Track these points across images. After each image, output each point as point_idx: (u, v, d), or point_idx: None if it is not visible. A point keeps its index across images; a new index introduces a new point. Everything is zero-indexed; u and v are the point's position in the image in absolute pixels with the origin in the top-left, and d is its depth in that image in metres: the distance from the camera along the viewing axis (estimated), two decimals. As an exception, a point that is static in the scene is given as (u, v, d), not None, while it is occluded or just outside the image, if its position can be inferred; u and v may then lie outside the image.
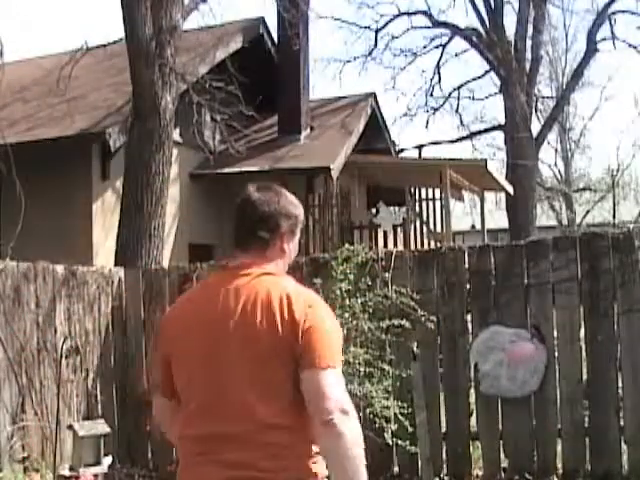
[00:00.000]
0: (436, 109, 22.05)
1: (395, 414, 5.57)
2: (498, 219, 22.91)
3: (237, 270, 2.25)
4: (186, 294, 2.50)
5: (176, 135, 10.09)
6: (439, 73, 21.57)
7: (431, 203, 15.08)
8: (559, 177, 30.91)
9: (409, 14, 20.71)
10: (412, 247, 13.20)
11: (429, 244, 14.25)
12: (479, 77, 22.10)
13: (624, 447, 5.38)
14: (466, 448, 5.76)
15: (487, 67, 20.67)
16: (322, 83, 54.91)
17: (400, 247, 13.50)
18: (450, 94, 21.95)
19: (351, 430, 2.03)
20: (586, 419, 5.46)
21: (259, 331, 2.10)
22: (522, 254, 5.68)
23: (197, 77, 10.48)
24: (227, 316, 2.14)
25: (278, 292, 2.15)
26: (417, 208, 15.03)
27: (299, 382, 2.08)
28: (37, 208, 8.67)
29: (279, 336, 2.09)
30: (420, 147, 21.48)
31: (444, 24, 20.67)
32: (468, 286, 5.82)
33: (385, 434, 5.52)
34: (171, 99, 8.58)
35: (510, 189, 16.39)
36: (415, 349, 5.78)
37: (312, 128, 13.53)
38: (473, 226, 26.25)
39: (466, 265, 5.83)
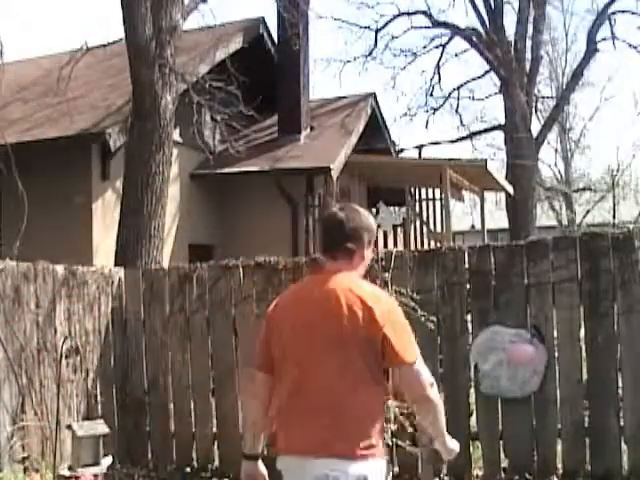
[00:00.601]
0: (436, 109, 22.06)
1: (395, 414, 5.56)
2: (498, 219, 22.91)
3: (328, 274, 2.80)
4: (288, 290, 3.04)
5: (176, 135, 10.09)
6: (439, 73, 21.60)
7: (431, 203, 15.09)
8: (559, 177, 30.92)
9: (409, 14, 20.72)
10: (412, 247, 13.21)
11: (429, 244, 14.26)
12: (479, 77, 22.13)
13: (624, 447, 5.38)
14: (466, 448, 5.75)
15: (487, 67, 20.68)
16: (322, 83, 54.88)
17: (400, 247, 13.51)
18: (450, 94, 21.98)
19: (437, 397, 2.76)
20: (586, 419, 5.46)
21: (342, 325, 2.66)
22: (522, 254, 5.68)
23: (197, 77, 10.48)
24: (318, 311, 2.72)
25: (360, 293, 2.71)
26: (417, 208, 15.04)
27: (380, 368, 2.69)
28: (37, 208, 8.67)
29: (360, 331, 2.65)
30: (420, 147, 21.49)
31: (444, 24, 20.67)
32: (468, 286, 5.81)
33: (385, 434, 5.52)
34: (171, 99, 8.58)
35: (510, 189, 16.40)
36: (415, 349, 5.78)
37: (312, 128, 13.54)
38: (473, 226, 26.26)
39: (466, 265, 5.83)
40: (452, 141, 22.92)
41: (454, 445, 2.92)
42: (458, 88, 22.04)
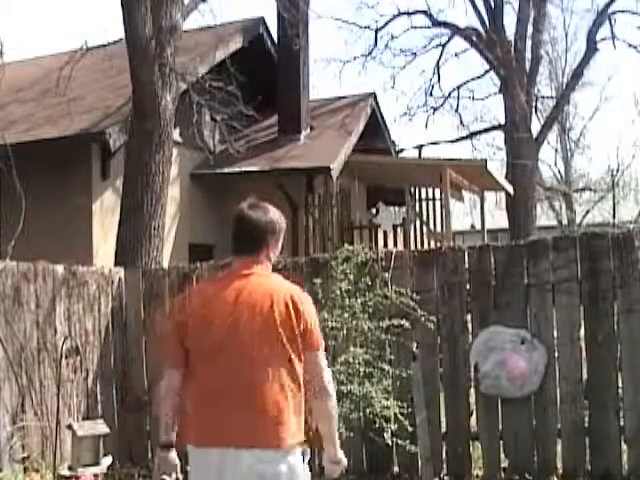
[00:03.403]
0: (436, 109, 21.99)
1: (395, 414, 5.57)
2: (498, 219, 22.88)
3: (241, 270, 2.92)
4: (202, 286, 3.17)
5: (176, 135, 10.08)
6: (439, 73, 21.55)
7: (431, 203, 15.08)
8: (559, 177, 30.89)
9: (409, 14, 20.66)
10: (412, 247, 13.21)
11: (429, 244, 14.25)
12: (479, 77, 22.07)
13: (624, 447, 5.38)
14: (466, 448, 5.76)
15: (487, 67, 20.65)
16: (322, 83, 54.78)
17: (400, 247, 13.50)
18: (450, 94, 21.90)
19: (334, 396, 2.92)
20: (586, 419, 5.46)
21: (268, 316, 2.80)
22: (522, 254, 5.68)
23: (197, 77, 10.47)
24: (243, 305, 2.83)
25: (278, 286, 2.89)
26: (417, 208, 15.04)
27: (299, 359, 2.81)
28: (37, 208, 8.67)
29: (282, 320, 2.79)
30: (420, 147, 21.45)
31: (444, 24, 20.64)
32: (468, 286, 5.82)
33: (385, 434, 5.52)
34: (171, 99, 8.58)
35: (510, 189, 16.39)
36: (415, 349, 5.78)
37: (312, 128, 13.53)
38: (473, 226, 26.23)
39: (466, 265, 5.83)
40: (452, 141, 22.87)
41: (343, 458, 2.96)
42: (458, 88, 21.98)
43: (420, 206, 15.11)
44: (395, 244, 14.29)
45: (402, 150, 20.18)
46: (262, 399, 2.75)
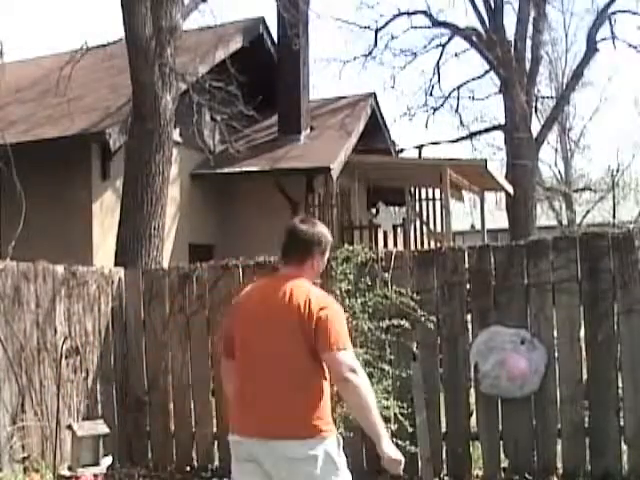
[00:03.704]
0: (436, 109, 21.98)
1: (395, 414, 5.57)
2: (498, 219, 22.88)
3: (280, 276, 3.26)
4: (249, 287, 3.38)
5: (176, 135, 10.08)
6: (439, 73, 21.54)
7: (431, 203, 15.08)
8: (559, 177, 30.90)
9: (409, 14, 20.66)
10: (412, 247, 13.21)
11: (429, 244, 14.25)
12: (479, 77, 22.06)
13: (624, 447, 5.38)
14: (466, 448, 5.76)
15: (487, 67, 20.65)
16: (322, 83, 54.74)
17: (400, 247, 13.50)
18: (450, 94, 21.90)
19: (361, 381, 2.97)
20: (586, 419, 5.46)
21: (288, 315, 3.06)
22: (522, 254, 5.68)
23: (197, 77, 10.48)
24: (270, 304, 3.13)
25: (303, 290, 3.11)
26: (417, 208, 15.04)
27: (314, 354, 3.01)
28: (37, 208, 8.67)
29: (301, 320, 3.02)
30: (420, 147, 21.44)
31: (444, 24, 20.64)
32: (468, 286, 5.82)
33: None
34: (171, 99, 8.58)
35: (510, 189, 16.39)
36: (415, 349, 5.78)
37: (312, 128, 13.53)
38: (473, 226, 26.25)
39: (466, 265, 5.83)
40: (452, 141, 22.86)
41: (394, 452, 2.96)
42: (458, 88, 21.97)
43: (420, 206, 15.11)
44: (395, 244, 14.30)
45: (402, 150, 20.17)
46: (282, 394, 3.01)
